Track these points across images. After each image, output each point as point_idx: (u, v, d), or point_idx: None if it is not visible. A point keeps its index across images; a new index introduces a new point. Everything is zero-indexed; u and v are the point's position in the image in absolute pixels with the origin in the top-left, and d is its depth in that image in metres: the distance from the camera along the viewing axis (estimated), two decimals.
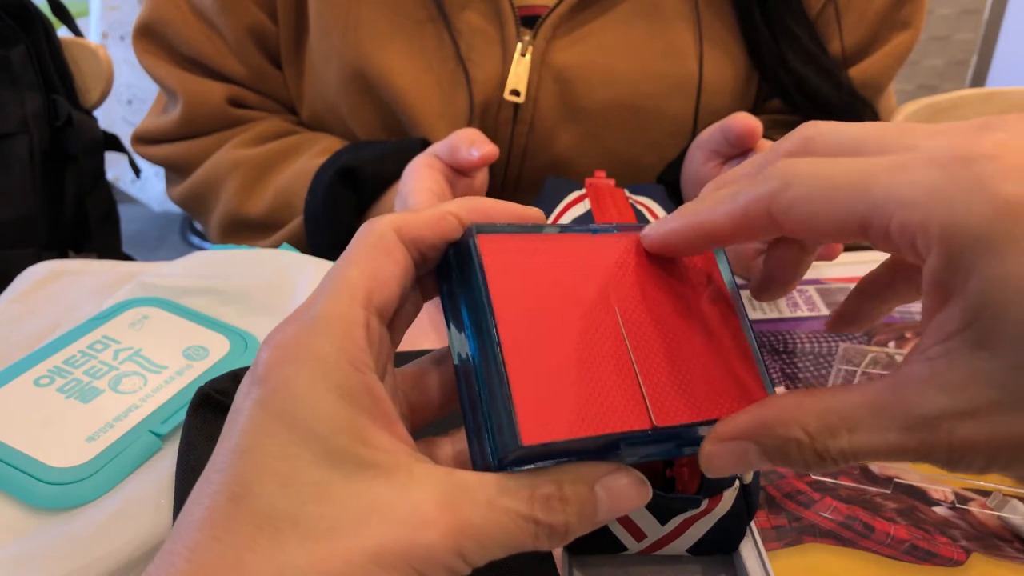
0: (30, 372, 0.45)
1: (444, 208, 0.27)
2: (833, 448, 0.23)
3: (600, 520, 0.26)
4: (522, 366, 0.25)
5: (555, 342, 0.26)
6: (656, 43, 0.69)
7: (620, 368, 0.26)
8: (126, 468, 0.40)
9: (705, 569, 0.42)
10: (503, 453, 0.24)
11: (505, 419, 0.24)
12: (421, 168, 0.57)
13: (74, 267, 0.59)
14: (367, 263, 0.26)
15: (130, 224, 1.05)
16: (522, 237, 0.27)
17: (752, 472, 0.40)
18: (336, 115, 0.73)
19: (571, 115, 0.69)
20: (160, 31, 0.73)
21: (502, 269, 0.26)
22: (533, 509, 0.24)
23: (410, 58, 0.68)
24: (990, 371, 0.21)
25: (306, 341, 0.24)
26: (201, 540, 0.22)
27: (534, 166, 0.72)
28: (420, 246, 0.27)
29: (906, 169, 0.22)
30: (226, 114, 0.74)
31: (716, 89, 0.70)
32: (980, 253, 0.21)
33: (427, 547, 0.23)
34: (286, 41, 0.73)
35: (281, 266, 0.55)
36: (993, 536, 0.42)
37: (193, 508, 0.23)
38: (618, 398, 0.26)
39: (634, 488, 0.26)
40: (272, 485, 0.22)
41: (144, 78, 1.94)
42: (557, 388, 0.25)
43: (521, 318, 0.25)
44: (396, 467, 0.24)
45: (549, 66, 0.68)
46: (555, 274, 0.27)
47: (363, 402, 0.24)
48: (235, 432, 0.23)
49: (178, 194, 0.78)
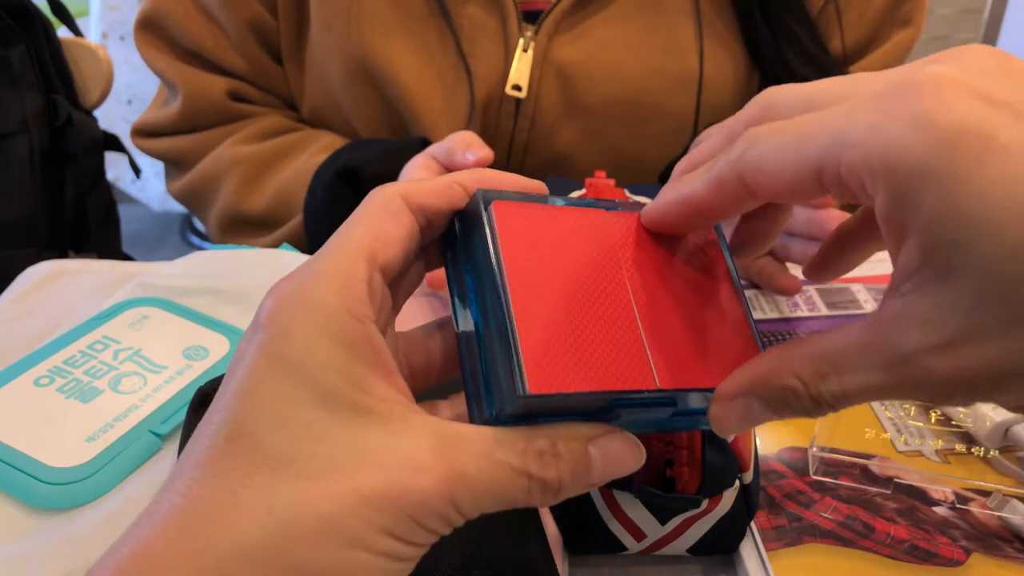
0: (30, 372, 0.45)
1: (451, 177, 0.28)
2: (826, 392, 0.24)
3: (594, 480, 0.26)
4: (528, 323, 0.25)
5: (561, 303, 0.26)
6: (657, 39, 0.69)
7: (625, 332, 0.27)
8: (126, 468, 0.40)
9: (705, 569, 0.42)
10: (503, 403, 0.25)
11: (509, 371, 0.24)
12: (418, 169, 0.57)
13: (74, 267, 0.59)
14: (372, 223, 0.26)
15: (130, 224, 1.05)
16: (530, 205, 0.28)
17: (752, 471, 0.40)
18: (337, 110, 0.73)
19: (572, 111, 0.70)
20: (161, 23, 0.73)
21: (510, 233, 0.26)
22: (527, 463, 0.24)
23: (412, 53, 0.68)
24: (953, 303, 0.21)
25: (308, 291, 0.25)
26: (198, 477, 0.23)
27: (535, 162, 0.72)
28: (427, 212, 0.27)
29: (850, 112, 0.23)
30: (226, 108, 0.74)
31: (717, 85, 0.70)
32: (922, 187, 0.21)
33: (420, 492, 0.23)
34: (287, 36, 0.73)
35: (281, 266, 0.55)
36: (993, 536, 0.42)
37: (193, 448, 0.23)
38: (622, 359, 0.26)
39: (628, 450, 0.26)
40: (269, 424, 0.23)
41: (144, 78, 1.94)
42: (562, 345, 0.25)
43: (528, 279, 0.26)
44: (392, 415, 0.24)
45: (551, 62, 0.68)
46: (562, 241, 0.27)
47: (362, 351, 0.24)
48: (236, 376, 0.24)
49: (177, 189, 0.78)
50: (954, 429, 0.46)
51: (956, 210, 0.20)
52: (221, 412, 0.23)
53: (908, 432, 0.47)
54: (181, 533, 0.22)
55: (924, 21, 0.75)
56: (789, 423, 0.49)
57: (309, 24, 0.71)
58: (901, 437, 0.47)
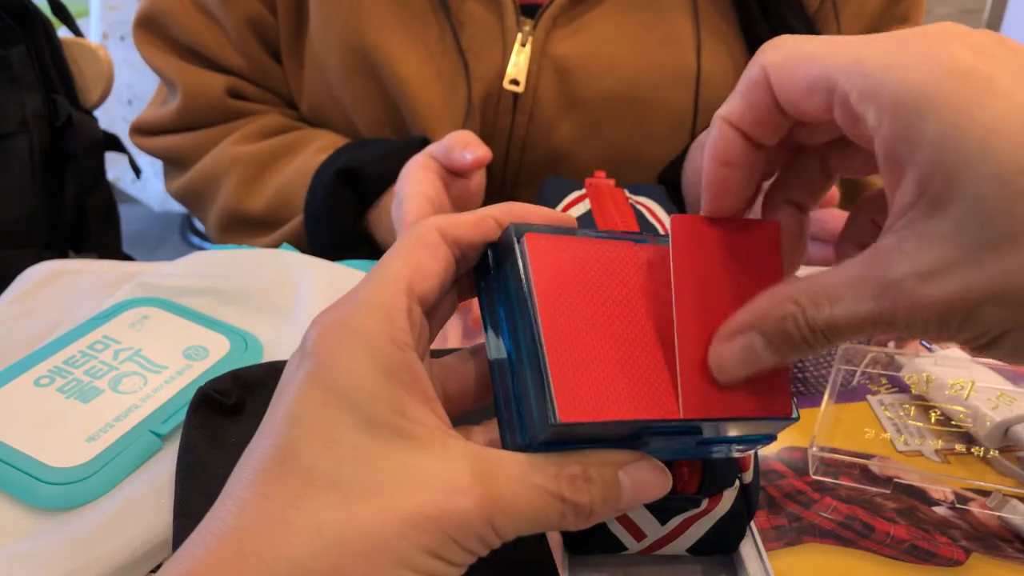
0: (30, 372, 0.45)
1: (485, 211, 0.29)
2: (819, 320, 0.25)
3: (623, 506, 0.27)
4: (559, 352, 0.26)
5: (592, 333, 0.27)
6: (654, 34, 0.69)
7: (655, 362, 0.27)
8: (126, 468, 0.40)
9: (705, 569, 0.42)
10: (535, 431, 0.25)
11: (540, 400, 0.25)
12: (417, 170, 0.57)
13: (74, 267, 0.59)
14: (410, 256, 0.27)
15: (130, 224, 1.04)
16: (560, 238, 0.28)
17: (752, 471, 0.40)
18: (337, 107, 0.73)
19: (571, 105, 0.70)
20: (160, 21, 0.73)
21: (542, 264, 0.27)
22: (560, 487, 0.25)
23: (412, 48, 0.68)
24: (942, 232, 0.23)
25: (352, 320, 0.26)
26: (249, 498, 0.23)
27: (534, 158, 0.72)
28: (461, 245, 0.28)
29: (871, 44, 0.25)
30: (226, 106, 0.74)
31: (715, 81, 0.70)
32: (925, 119, 0.23)
33: (461, 514, 0.24)
34: (286, 33, 0.73)
35: (281, 266, 0.55)
36: (993, 536, 0.42)
37: (242, 470, 0.24)
38: (650, 388, 0.27)
39: (655, 477, 0.27)
40: (316, 448, 0.24)
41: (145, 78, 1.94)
42: (592, 375, 0.26)
43: (559, 310, 0.27)
44: (432, 439, 0.25)
45: (549, 56, 0.68)
46: (593, 273, 0.28)
47: (403, 378, 0.25)
48: (284, 402, 0.25)
49: (176, 188, 0.78)
50: (954, 429, 0.46)
51: (953, 140, 0.22)
52: (270, 436, 0.24)
53: (908, 432, 0.47)
54: (235, 553, 0.22)
55: (922, 18, 0.75)
56: None
57: (308, 21, 0.71)
58: (901, 437, 0.47)
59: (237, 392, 0.41)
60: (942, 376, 0.48)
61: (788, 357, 0.26)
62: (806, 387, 0.52)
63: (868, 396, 0.50)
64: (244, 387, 0.41)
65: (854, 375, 0.51)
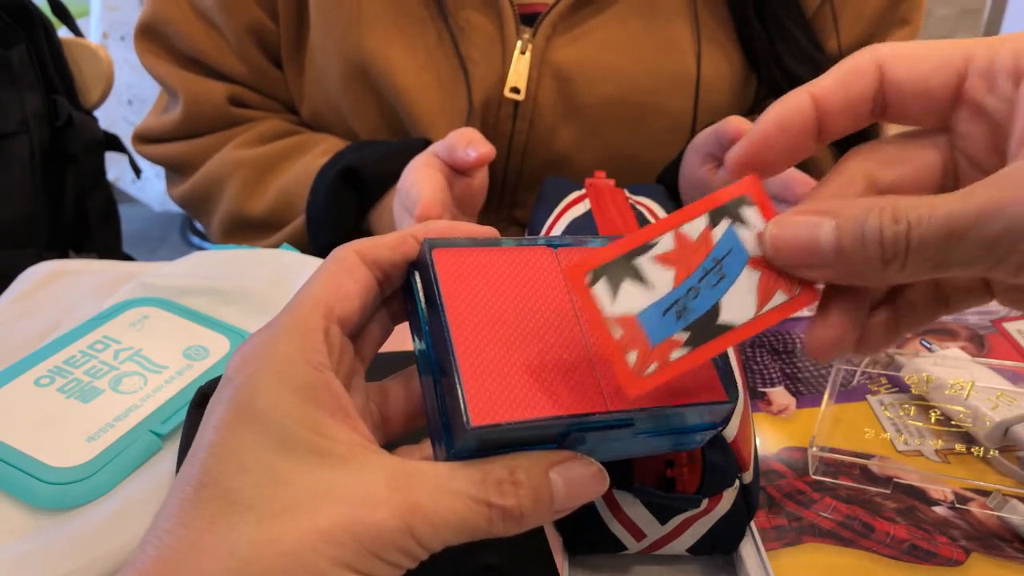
0: (30, 372, 0.45)
1: (405, 231, 0.30)
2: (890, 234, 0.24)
3: (558, 507, 0.26)
4: (472, 358, 0.26)
5: (507, 338, 0.27)
6: (654, 40, 0.69)
7: (574, 361, 0.27)
8: (126, 468, 0.40)
9: (705, 569, 0.42)
10: (455, 439, 0.25)
11: (456, 407, 0.25)
12: (421, 167, 0.57)
13: (74, 267, 0.59)
14: (329, 280, 0.28)
15: (130, 224, 1.04)
16: (475, 250, 0.29)
17: (751, 471, 0.40)
18: (337, 113, 0.73)
19: (571, 112, 0.70)
20: (161, 30, 0.73)
21: (452, 276, 0.28)
22: (485, 492, 0.25)
23: (412, 55, 0.68)
24: None
25: (269, 344, 0.26)
26: (168, 527, 0.24)
27: (534, 163, 0.72)
28: (382, 265, 0.29)
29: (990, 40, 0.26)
30: (227, 113, 0.74)
31: (714, 85, 0.70)
32: None
33: (376, 525, 0.24)
34: (286, 40, 0.73)
35: (281, 266, 0.55)
36: (993, 536, 0.42)
37: (167, 502, 0.25)
38: (572, 387, 0.27)
39: (590, 475, 0.27)
40: (232, 472, 0.24)
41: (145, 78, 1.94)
42: (509, 379, 0.26)
43: (472, 318, 0.27)
44: (351, 456, 0.25)
45: (549, 63, 0.68)
46: (507, 280, 0.28)
47: (319, 397, 0.25)
48: (205, 430, 0.25)
49: (180, 194, 0.78)
50: (954, 429, 0.46)
51: None
52: (191, 466, 0.25)
53: (908, 432, 0.47)
54: None
55: (922, 20, 0.75)
56: (787, 424, 0.49)
57: (308, 28, 0.71)
58: (901, 437, 0.47)
59: None
60: (942, 376, 0.48)
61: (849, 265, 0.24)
62: (806, 387, 0.52)
63: (868, 396, 0.50)
64: None
65: (854, 375, 0.51)
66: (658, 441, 0.29)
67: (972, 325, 0.57)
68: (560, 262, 0.30)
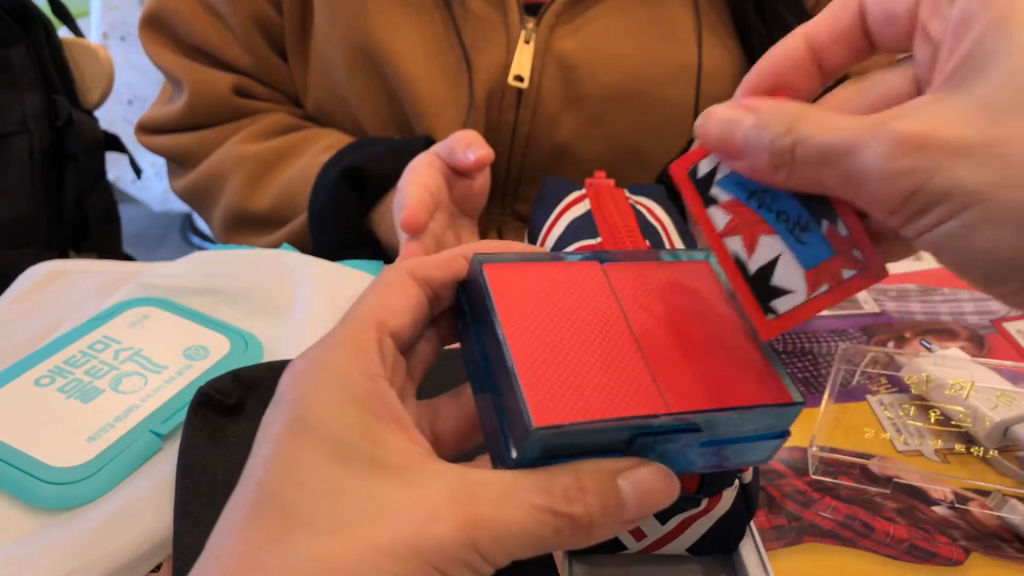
0: (31, 372, 0.45)
1: (454, 251, 0.30)
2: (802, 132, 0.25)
3: (629, 516, 0.25)
4: (531, 367, 0.25)
5: (562, 346, 0.27)
6: (656, 29, 0.70)
7: (630, 367, 0.27)
8: (126, 468, 0.40)
9: (705, 569, 0.42)
10: (518, 447, 0.25)
11: (517, 412, 0.25)
12: (421, 167, 0.57)
13: (75, 267, 0.59)
14: (379, 296, 0.28)
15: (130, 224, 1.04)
16: (524, 264, 0.29)
17: (751, 471, 0.40)
18: (341, 104, 0.73)
19: (574, 100, 0.70)
20: (167, 20, 0.74)
21: (506, 289, 0.28)
22: (552, 500, 0.24)
23: (419, 44, 0.69)
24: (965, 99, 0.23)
25: (322, 359, 0.26)
26: (227, 546, 0.23)
27: (537, 153, 0.72)
28: (432, 284, 0.29)
29: None
30: (231, 104, 0.74)
31: (715, 75, 0.71)
32: None
33: (436, 539, 0.23)
34: (291, 31, 0.73)
35: (281, 266, 0.55)
36: (993, 536, 0.42)
37: (226, 517, 0.24)
38: (631, 390, 0.26)
39: (660, 481, 0.26)
40: (290, 488, 0.24)
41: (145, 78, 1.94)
42: (567, 383, 0.25)
43: (527, 328, 0.27)
44: (408, 466, 0.24)
45: (552, 53, 0.69)
46: (557, 293, 0.28)
47: (375, 407, 0.25)
48: (260, 447, 0.25)
49: (181, 187, 0.78)
50: (953, 429, 0.46)
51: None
52: (248, 482, 0.24)
53: (908, 432, 0.47)
54: None
55: None
56: None
57: (313, 18, 0.72)
58: (901, 437, 0.47)
59: (237, 392, 0.41)
60: (942, 376, 0.48)
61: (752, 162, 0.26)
62: (806, 387, 0.52)
63: (868, 396, 0.50)
64: (244, 387, 0.41)
65: (854, 375, 0.51)
66: (724, 452, 0.28)
67: (972, 325, 0.57)
68: (608, 276, 0.30)
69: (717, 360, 0.28)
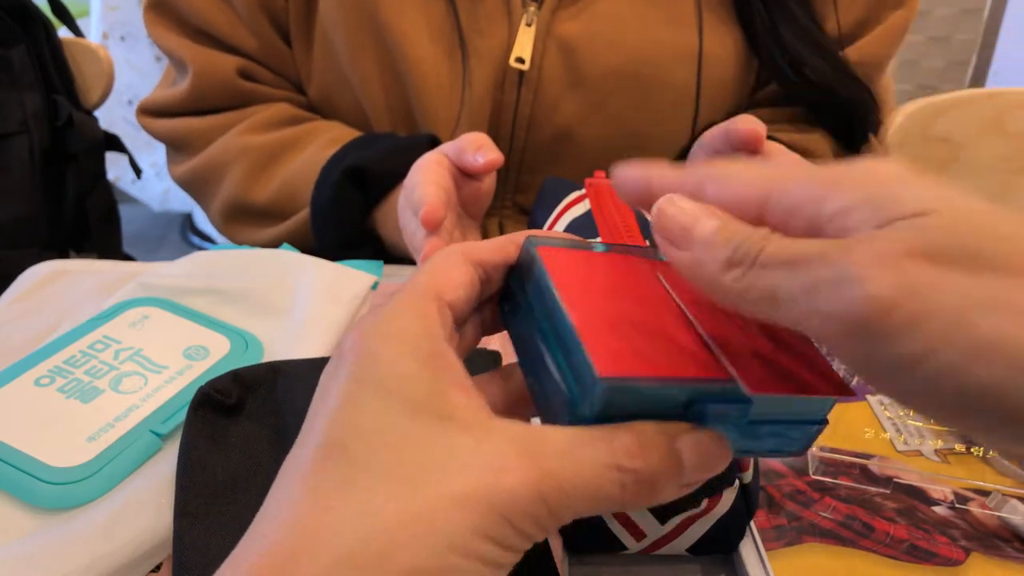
0: (30, 372, 0.45)
1: (505, 237, 0.30)
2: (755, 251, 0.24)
3: (687, 477, 0.25)
4: (592, 330, 0.26)
5: (621, 318, 0.27)
6: (657, 12, 0.70)
7: (688, 339, 0.27)
8: (126, 468, 0.40)
9: (705, 569, 0.42)
10: (581, 401, 0.25)
11: (581, 369, 0.25)
12: (430, 164, 0.57)
13: (75, 267, 0.59)
14: (436, 270, 0.28)
15: (130, 224, 1.05)
16: (573, 250, 0.29)
17: (751, 471, 0.40)
18: (345, 88, 0.73)
19: (576, 82, 0.71)
20: (172, 3, 0.74)
21: (558, 267, 0.28)
22: (614, 456, 0.24)
23: (426, 26, 0.69)
24: None
25: (386, 322, 0.26)
26: (296, 494, 0.24)
27: (540, 136, 0.73)
28: (485, 266, 0.29)
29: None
30: (236, 87, 0.74)
31: (716, 60, 0.71)
32: None
33: (509, 491, 0.23)
34: (296, 14, 0.73)
35: (281, 266, 0.55)
36: (993, 536, 0.42)
37: (289, 470, 0.25)
38: (690, 358, 0.26)
39: (716, 445, 0.26)
40: (358, 439, 0.24)
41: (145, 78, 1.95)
42: (628, 348, 0.26)
43: (584, 299, 0.27)
44: (476, 422, 0.25)
45: (554, 36, 0.69)
46: (608, 274, 0.29)
47: (440, 365, 0.25)
48: (325, 401, 0.25)
49: (180, 173, 0.78)
50: (953, 429, 0.46)
51: None
52: (313, 434, 0.25)
53: (907, 432, 0.47)
54: (287, 550, 0.23)
55: (918, 3, 0.76)
56: None
57: (317, 2, 0.72)
58: (900, 437, 0.47)
59: (237, 392, 0.41)
60: None
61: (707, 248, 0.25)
62: None
63: (868, 396, 0.50)
64: (244, 387, 0.41)
65: (854, 375, 0.51)
66: (767, 435, 0.28)
67: None
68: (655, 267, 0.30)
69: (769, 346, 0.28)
